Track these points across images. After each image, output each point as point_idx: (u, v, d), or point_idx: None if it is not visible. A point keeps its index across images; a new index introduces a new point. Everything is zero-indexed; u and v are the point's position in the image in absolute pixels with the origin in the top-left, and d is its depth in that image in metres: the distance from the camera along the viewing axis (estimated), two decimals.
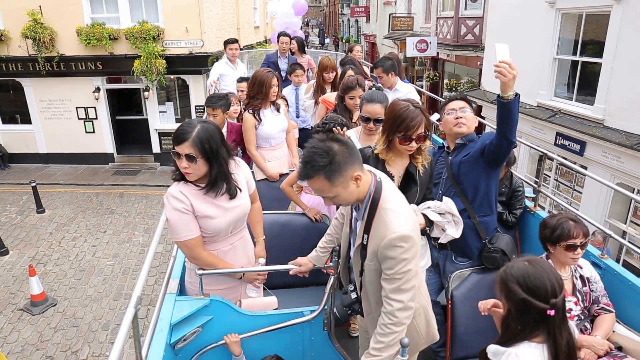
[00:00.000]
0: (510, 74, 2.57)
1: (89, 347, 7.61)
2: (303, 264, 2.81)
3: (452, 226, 2.96)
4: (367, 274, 2.25)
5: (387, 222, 2.07)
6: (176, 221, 2.55)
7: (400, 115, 2.68)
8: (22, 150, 15.89)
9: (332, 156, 2.00)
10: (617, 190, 3.70)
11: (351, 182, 2.07)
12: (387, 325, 2.08)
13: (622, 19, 8.21)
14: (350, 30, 44.39)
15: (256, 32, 21.67)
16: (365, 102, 3.46)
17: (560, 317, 1.83)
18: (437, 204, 2.95)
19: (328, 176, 2.01)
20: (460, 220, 2.96)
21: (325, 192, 2.08)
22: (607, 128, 8.60)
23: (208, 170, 2.55)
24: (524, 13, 10.95)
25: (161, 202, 10.30)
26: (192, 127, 2.47)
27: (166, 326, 2.48)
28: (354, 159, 2.07)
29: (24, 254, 10.44)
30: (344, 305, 2.50)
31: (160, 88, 15.40)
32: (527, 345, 1.88)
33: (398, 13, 22.21)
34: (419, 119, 2.64)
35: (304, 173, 2.06)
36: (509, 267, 1.94)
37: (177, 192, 2.56)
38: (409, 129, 2.65)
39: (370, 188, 2.15)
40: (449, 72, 18.36)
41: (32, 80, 14.98)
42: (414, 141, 2.70)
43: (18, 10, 13.78)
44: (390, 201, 2.13)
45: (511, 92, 2.64)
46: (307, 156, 2.04)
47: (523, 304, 1.84)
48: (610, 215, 8.70)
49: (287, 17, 11.39)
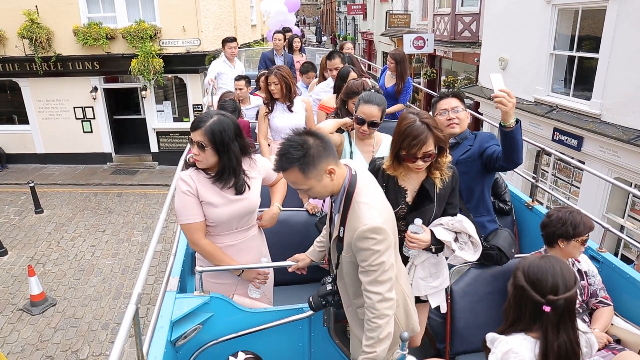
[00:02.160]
0: (510, 103, 2.60)
1: (89, 347, 7.61)
2: (301, 260, 2.84)
3: (469, 248, 2.64)
4: (343, 265, 2.29)
5: (359, 214, 2.11)
6: (181, 203, 2.65)
7: (403, 131, 2.45)
8: (20, 150, 15.85)
9: (306, 149, 2.05)
10: (615, 184, 3.72)
11: (325, 175, 2.12)
12: (372, 320, 2.11)
13: (618, 14, 8.22)
14: (347, 28, 44.36)
15: (253, 30, 21.64)
16: (362, 102, 3.30)
17: (558, 317, 1.82)
18: (451, 221, 2.65)
19: (302, 169, 2.06)
20: (478, 243, 2.63)
21: (299, 185, 2.13)
22: (604, 123, 8.62)
23: (217, 161, 2.62)
24: (520, 9, 10.96)
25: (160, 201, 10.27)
26: (209, 118, 2.57)
27: (167, 323, 2.49)
28: (328, 153, 2.12)
29: (23, 254, 10.44)
30: (319, 295, 2.53)
31: (157, 87, 15.37)
32: (521, 336, 1.90)
33: (395, 10, 22.21)
34: (423, 136, 2.38)
35: (278, 165, 2.11)
36: (524, 258, 2.00)
37: (186, 176, 2.66)
38: (411, 147, 2.41)
39: (345, 181, 2.20)
40: (446, 69, 18.37)
41: (29, 80, 14.94)
42: (420, 160, 2.44)
43: (14, 10, 13.72)
44: (364, 194, 2.17)
45: (512, 120, 2.68)
46: (283, 149, 2.09)
47: (521, 291, 1.89)
48: (608, 210, 8.73)
49: (281, 15, 11.42)
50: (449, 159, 2.55)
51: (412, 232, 2.44)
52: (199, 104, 14.97)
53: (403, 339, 1.96)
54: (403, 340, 1.96)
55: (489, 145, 3.02)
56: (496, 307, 3.01)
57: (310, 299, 2.57)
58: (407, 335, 1.96)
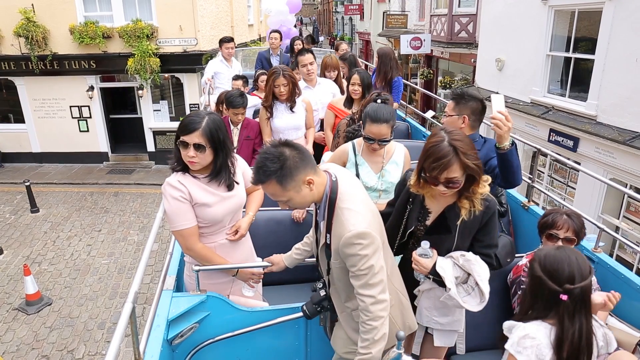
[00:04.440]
0: (506, 126, 2.59)
1: (85, 346, 7.60)
2: (275, 263, 2.81)
3: (475, 295, 2.31)
4: (334, 271, 2.28)
5: (343, 220, 2.10)
6: (173, 210, 2.60)
7: (427, 149, 2.24)
8: (16, 149, 15.80)
9: (283, 161, 2.04)
10: (611, 185, 3.74)
11: (304, 186, 2.10)
12: (366, 322, 2.12)
13: (614, 16, 8.26)
14: (345, 28, 44.39)
15: (250, 30, 21.63)
16: (369, 121, 3.06)
17: (574, 305, 1.89)
18: (461, 257, 2.34)
19: (280, 181, 2.05)
20: (486, 293, 2.28)
21: (278, 197, 2.12)
22: (600, 124, 8.65)
23: (212, 160, 2.62)
24: (517, 10, 10.99)
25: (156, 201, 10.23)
26: (201, 118, 2.55)
27: (163, 322, 2.48)
28: (305, 163, 2.10)
29: (19, 253, 10.41)
30: (313, 303, 2.49)
31: (154, 86, 15.36)
32: (537, 322, 1.96)
33: (392, 11, 22.24)
34: (446, 160, 2.15)
35: (256, 178, 2.09)
36: (540, 249, 2.01)
37: (175, 182, 2.61)
38: (432, 170, 2.20)
39: (326, 189, 2.18)
40: (443, 70, 18.40)
41: (25, 79, 14.90)
42: (442, 185, 2.22)
43: (10, 9, 13.68)
44: (346, 200, 2.15)
45: (507, 143, 2.68)
46: (259, 161, 2.07)
47: (538, 281, 1.95)
48: (603, 211, 8.76)
49: (282, 14, 11.40)
50: (485, 190, 2.28)
51: (419, 254, 2.33)
52: (196, 103, 14.96)
53: (399, 338, 1.96)
54: (399, 340, 1.97)
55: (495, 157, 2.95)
56: (492, 306, 3.01)
57: (304, 307, 2.53)
58: (403, 334, 1.97)
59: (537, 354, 1.88)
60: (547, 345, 1.90)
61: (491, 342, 3.03)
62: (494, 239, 2.43)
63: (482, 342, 2.99)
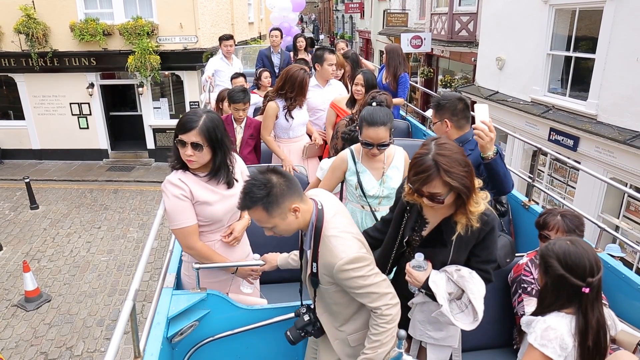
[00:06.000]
0: (488, 137, 2.57)
1: (84, 343, 7.60)
2: (268, 262, 2.77)
3: (469, 313, 2.18)
4: (330, 296, 2.25)
5: (332, 249, 2.08)
6: (174, 208, 2.59)
7: (412, 160, 2.15)
8: (16, 146, 15.79)
9: (269, 188, 2.03)
10: (611, 184, 3.73)
11: (289, 213, 2.09)
12: (380, 324, 2.12)
13: (615, 15, 8.25)
14: (345, 26, 44.36)
15: (250, 28, 21.62)
16: (365, 125, 2.95)
17: (594, 295, 1.95)
18: (456, 271, 2.22)
19: (266, 208, 2.04)
20: (479, 311, 2.15)
21: (264, 223, 2.11)
22: (600, 123, 8.65)
23: (211, 158, 2.61)
24: (517, 9, 10.98)
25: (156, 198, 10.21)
26: (199, 116, 2.54)
27: (163, 320, 2.48)
28: (292, 191, 2.09)
29: (18, 250, 10.40)
30: (297, 328, 2.44)
31: (154, 84, 15.34)
32: (556, 314, 2.00)
33: (392, 9, 22.22)
34: (425, 175, 2.04)
35: (242, 204, 2.08)
36: (550, 244, 2.04)
37: (176, 180, 2.61)
38: (414, 182, 2.10)
39: (312, 217, 2.16)
40: (443, 68, 18.38)
41: (25, 75, 14.87)
42: (427, 198, 2.11)
43: (11, 5, 13.66)
44: (332, 227, 2.13)
45: (490, 152, 2.64)
46: (246, 187, 2.06)
47: (560, 279, 1.96)
48: (603, 210, 8.76)
49: (285, 11, 11.39)
50: (479, 209, 2.13)
51: (413, 266, 2.25)
52: (196, 101, 14.95)
53: (400, 337, 1.96)
54: (400, 339, 1.97)
55: None
56: (492, 305, 3.02)
57: (288, 333, 2.47)
58: (404, 333, 1.97)
59: (560, 344, 1.92)
60: (568, 334, 1.94)
61: (491, 342, 3.03)
62: (492, 255, 2.29)
63: (483, 342, 2.99)
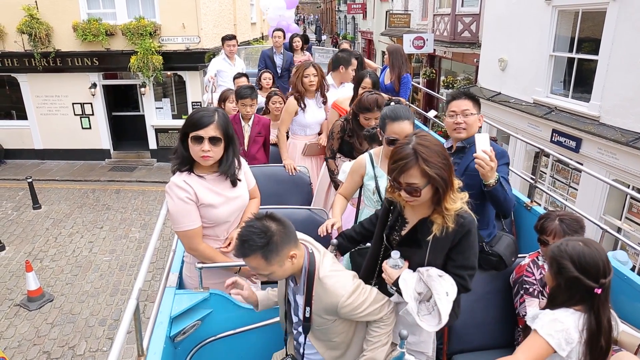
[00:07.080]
0: (489, 166, 2.57)
1: (86, 343, 7.61)
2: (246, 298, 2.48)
3: (434, 316, 2.08)
4: (331, 331, 2.22)
5: (330, 289, 2.10)
6: (178, 210, 2.58)
7: (392, 151, 2.13)
8: (18, 146, 15.83)
9: (269, 237, 1.99)
10: (614, 185, 3.74)
11: (287, 260, 2.07)
12: (381, 327, 2.21)
13: (618, 16, 8.24)
14: (347, 27, 44.37)
15: (253, 28, 21.63)
16: (389, 121, 2.91)
17: (605, 296, 1.97)
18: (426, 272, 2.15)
19: (265, 256, 1.99)
20: (443, 313, 2.04)
21: (261, 270, 2.06)
22: (603, 125, 8.63)
23: (222, 155, 2.62)
24: (520, 10, 10.97)
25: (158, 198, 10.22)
26: (213, 112, 2.56)
27: (166, 319, 2.49)
28: (290, 238, 2.07)
29: (21, 249, 10.43)
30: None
31: (156, 84, 15.38)
32: (564, 309, 2.02)
33: (395, 10, 22.21)
34: (402, 163, 2.00)
35: (240, 251, 2.02)
36: (563, 245, 2.04)
37: (180, 182, 2.59)
38: (392, 171, 2.07)
39: (305, 262, 2.15)
40: (445, 69, 18.38)
41: (28, 75, 14.92)
42: (404, 190, 2.05)
43: (14, 6, 13.71)
44: (322, 269, 2.15)
45: (492, 180, 2.65)
46: (245, 235, 2.00)
47: (574, 280, 1.97)
48: (605, 212, 8.75)
49: (280, 10, 11.43)
50: (455, 206, 2.07)
51: (390, 265, 2.20)
52: (198, 101, 14.97)
53: (402, 336, 1.97)
54: (402, 338, 1.97)
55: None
56: (494, 306, 3.03)
57: None
58: (406, 333, 1.97)
59: (566, 338, 1.94)
60: (575, 329, 1.96)
61: (493, 342, 3.03)
62: (469, 260, 2.18)
63: (484, 342, 2.99)
